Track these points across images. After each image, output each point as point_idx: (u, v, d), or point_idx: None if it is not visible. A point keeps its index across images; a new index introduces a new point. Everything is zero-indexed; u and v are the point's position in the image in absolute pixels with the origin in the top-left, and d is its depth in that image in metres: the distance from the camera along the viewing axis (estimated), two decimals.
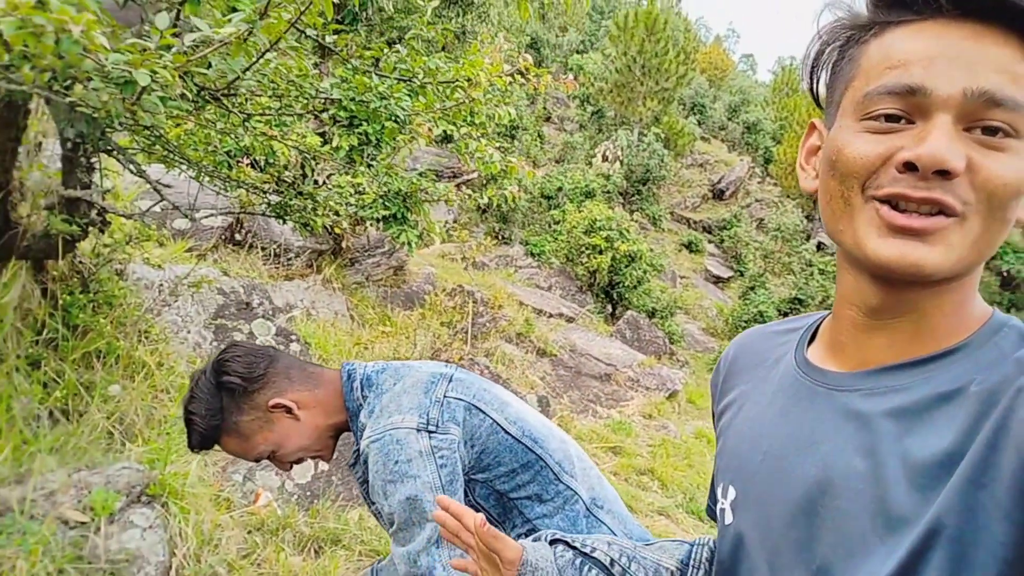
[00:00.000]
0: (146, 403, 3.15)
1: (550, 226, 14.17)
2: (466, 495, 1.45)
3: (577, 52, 29.86)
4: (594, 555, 0.97)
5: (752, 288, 18.42)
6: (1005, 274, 10.41)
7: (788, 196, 25.34)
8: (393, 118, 2.97)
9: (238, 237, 5.26)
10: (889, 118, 0.61)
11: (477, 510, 1.44)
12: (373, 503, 1.62)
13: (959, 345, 0.65)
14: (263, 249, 5.50)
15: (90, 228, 2.71)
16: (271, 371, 1.50)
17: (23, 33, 1.62)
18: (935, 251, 0.60)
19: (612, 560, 0.97)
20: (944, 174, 0.58)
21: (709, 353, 17.15)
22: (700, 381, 10.86)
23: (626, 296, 11.54)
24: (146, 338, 3.54)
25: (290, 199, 2.99)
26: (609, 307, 11.58)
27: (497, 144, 3.68)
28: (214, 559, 2.53)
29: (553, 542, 1.01)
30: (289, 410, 1.48)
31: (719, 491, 0.82)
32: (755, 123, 31.34)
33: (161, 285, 3.98)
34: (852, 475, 0.64)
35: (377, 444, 1.36)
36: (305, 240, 6.05)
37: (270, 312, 4.94)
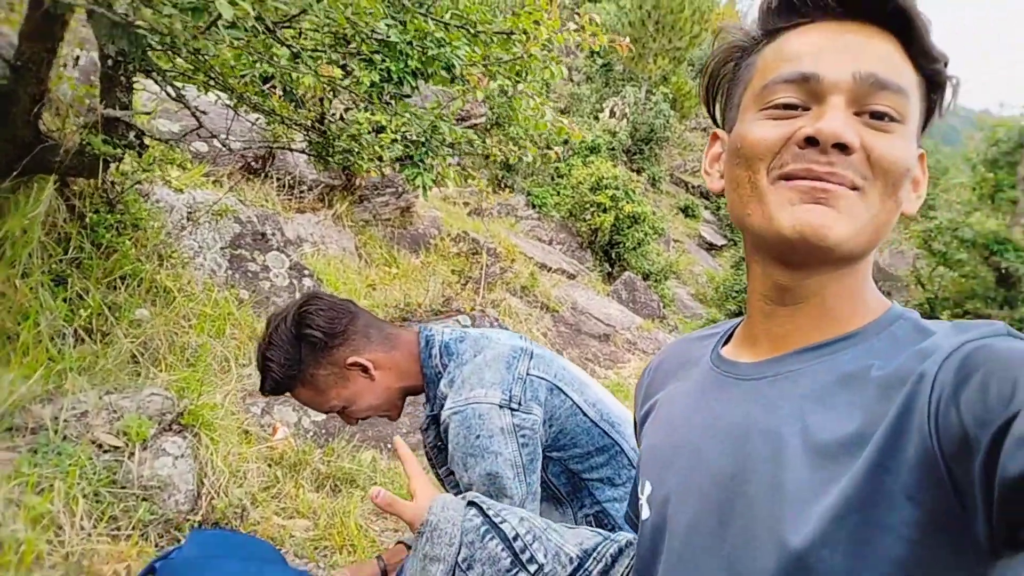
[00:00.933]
0: (169, 329, 3.13)
1: (553, 178, 14.04)
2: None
3: (589, 0, 29.14)
4: (501, 526, 0.99)
5: (743, 259, 18.47)
6: (1003, 271, 10.50)
7: None
8: (447, 66, 2.89)
9: (256, 166, 5.16)
10: (787, 107, 0.66)
11: (548, 487, 1.45)
12: (442, 467, 1.63)
13: (858, 331, 0.68)
14: (278, 180, 5.42)
15: (127, 150, 2.64)
16: (351, 328, 1.49)
17: None
18: (840, 219, 0.63)
19: (517, 535, 0.98)
20: (842, 148, 0.62)
21: (697, 319, 17.28)
22: None
23: (625, 257, 11.54)
24: (167, 263, 3.49)
25: (333, 139, 2.92)
26: (607, 266, 11.58)
27: (543, 100, 3.61)
28: (239, 491, 2.55)
29: (470, 503, 1.03)
30: (365, 369, 1.48)
31: (639, 489, 0.83)
32: None
33: (181, 209, 3.91)
34: (758, 459, 0.65)
35: (459, 416, 1.36)
36: (319, 174, 5.96)
37: (283, 244, 4.89)
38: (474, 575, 0.98)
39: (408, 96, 6.11)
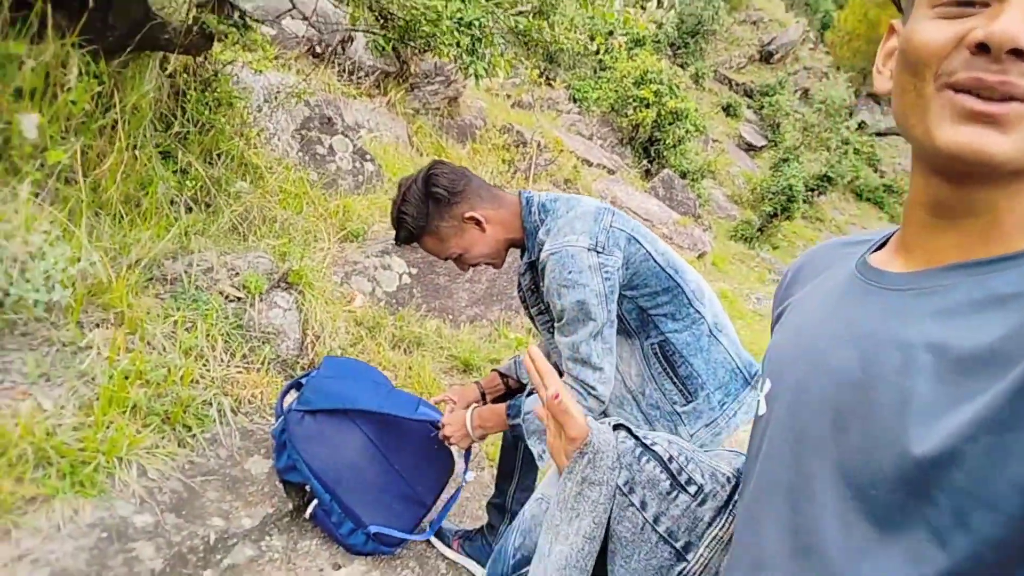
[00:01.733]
0: (261, 203, 3.45)
1: (595, 71, 13.86)
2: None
3: None
4: (654, 447, 0.98)
5: (785, 160, 18.21)
6: None
7: (839, 68, 24.34)
8: None
9: (319, 50, 5.33)
10: (962, 3, 0.60)
11: (620, 320, 1.77)
12: (534, 306, 1.96)
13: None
14: (338, 65, 5.59)
15: (232, 30, 2.87)
16: (468, 188, 1.81)
17: None
18: (1007, 139, 0.58)
19: (671, 456, 0.97)
20: (1018, 54, 0.56)
21: (730, 220, 17.31)
22: (721, 246, 11.17)
23: (664, 154, 11.56)
24: (251, 142, 3.78)
25: (416, 25, 3.11)
26: (646, 163, 11.63)
27: None
28: (333, 343, 2.93)
29: (616, 427, 1.03)
30: (479, 222, 1.81)
31: (758, 387, 0.83)
32: None
33: (259, 91, 4.16)
34: (887, 369, 0.62)
35: (556, 256, 1.68)
36: (376, 60, 6.11)
37: (344, 129, 5.13)
38: (636, 498, 0.95)
39: None
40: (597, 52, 14.20)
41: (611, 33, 14.42)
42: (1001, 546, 0.52)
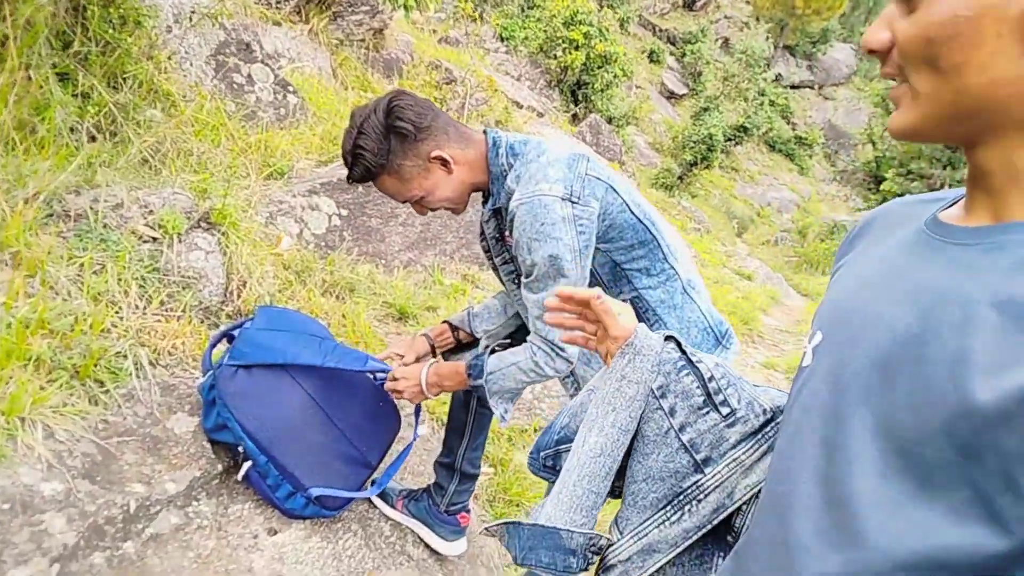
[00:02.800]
0: (174, 134, 3.14)
1: (523, 9, 13.50)
2: None
3: None
4: (698, 364, 1.01)
5: (706, 109, 18.46)
6: None
7: (759, 18, 24.66)
8: None
9: None
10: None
11: (592, 274, 1.67)
12: (498, 256, 1.82)
13: None
14: None
15: None
16: (435, 125, 1.63)
17: None
18: (898, 113, 0.67)
19: (712, 376, 1.00)
20: (875, 53, 0.67)
21: (652, 168, 17.47)
22: (644, 194, 11.24)
23: (592, 98, 11.46)
24: (163, 67, 3.42)
25: None
26: (573, 107, 11.51)
27: None
28: (260, 289, 2.72)
29: (667, 339, 1.06)
30: (446, 163, 1.64)
31: (806, 340, 0.81)
32: None
33: (167, 9, 3.76)
34: (945, 324, 0.61)
35: (526, 207, 1.54)
36: None
37: (264, 57, 4.76)
38: (666, 404, 1.00)
39: None
40: None
41: None
42: None
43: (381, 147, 1.60)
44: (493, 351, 1.74)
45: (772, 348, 6.44)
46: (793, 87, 26.80)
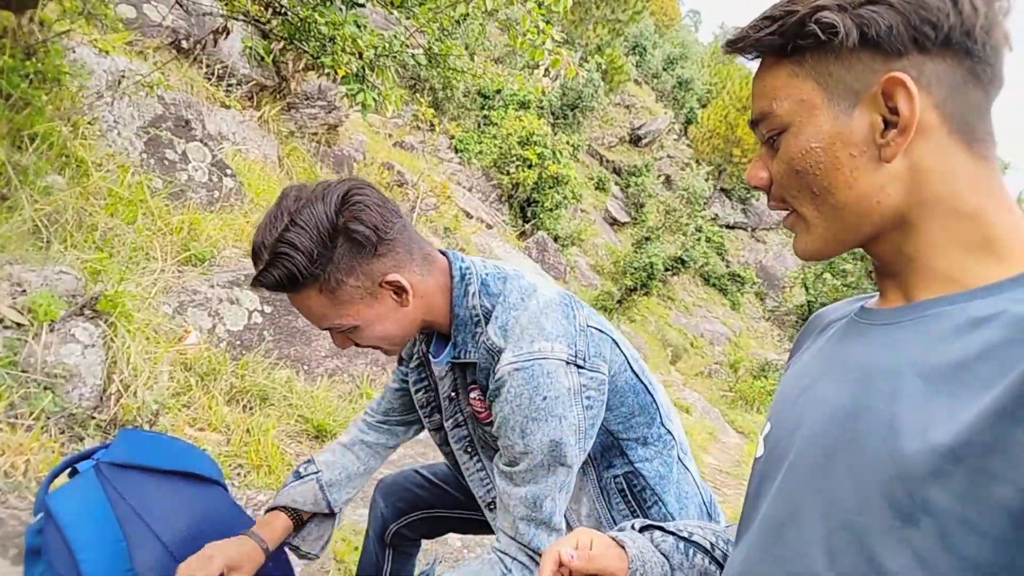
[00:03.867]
0: (79, 205, 2.75)
1: (479, 125, 13.75)
2: None
3: None
4: (694, 539, 0.96)
5: (647, 239, 18.93)
6: None
7: (699, 161, 26.00)
8: None
9: (185, 46, 4.65)
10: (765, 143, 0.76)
11: None
12: (449, 419, 1.41)
13: (1004, 281, 0.65)
14: (208, 67, 4.92)
15: None
16: (400, 237, 1.19)
17: None
18: (798, 240, 0.74)
19: (712, 544, 0.96)
20: (759, 188, 0.75)
21: (592, 289, 17.60)
22: None
23: (540, 216, 11.52)
24: (82, 131, 3.07)
25: (312, 24, 2.62)
26: (522, 223, 11.53)
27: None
28: (149, 394, 2.29)
29: (643, 529, 0.98)
30: (400, 291, 1.21)
31: (760, 429, 0.84)
32: (688, 80, 31.65)
33: (101, 75, 3.45)
34: (875, 397, 0.64)
35: (523, 374, 1.15)
36: (251, 69, 5.47)
37: (204, 136, 4.46)
38: None
39: (362, 5, 5.72)
40: (484, 107, 14.15)
41: (499, 91, 14.45)
42: (985, 570, 0.53)
43: (321, 252, 1.13)
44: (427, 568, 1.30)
45: (715, 492, 6.12)
46: (728, 227, 28.01)
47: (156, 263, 3.14)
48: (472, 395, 1.30)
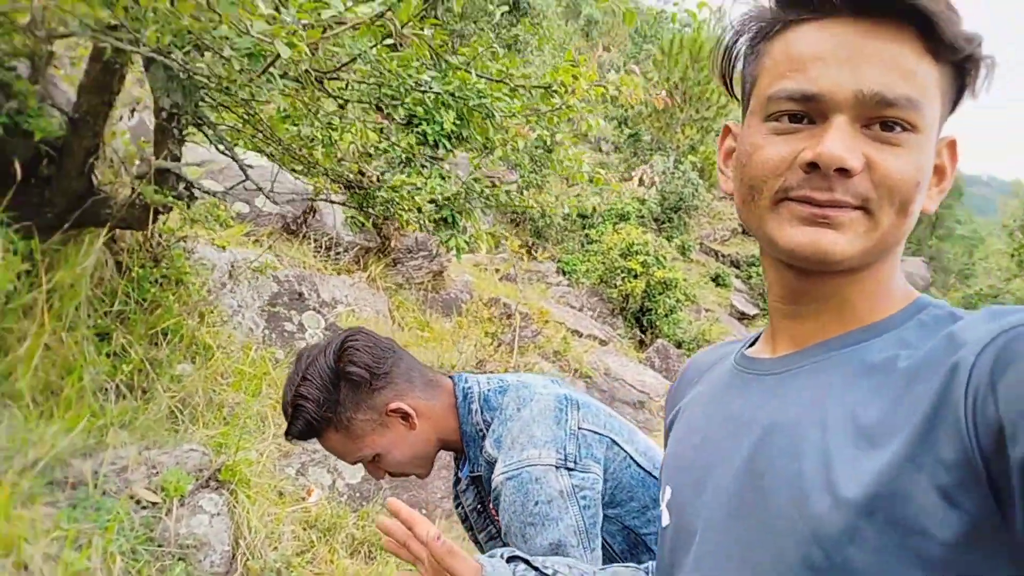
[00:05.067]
0: (207, 386, 3.08)
1: (583, 245, 14.08)
2: None
3: (616, 72, 29.92)
4: (557, 575, 0.97)
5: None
6: None
7: None
8: (487, 115, 2.90)
9: (294, 227, 5.21)
10: (792, 118, 0.64)
11: (604, 547, 1.32)
12: (483, 531, 1.49)
13: (882, 321, 0.65)
14: (315, 241, 5.46)
15: (177, 201, 2.65)
16: (396, 370, 1.36)
17: None
18: (842, 239, 0.62)
19: None
20: (844, 172, 0.60)
21: None
22: None
23: (657, 324, 11.40)
24: (207, 319, 3.48)
25: (374, 192, 2.93)
26: (639, 333, 11.44)
27: (580, 152, 3.61)
28: (274, 554, 2.44)
29: (511, 559, 1.00)
30: (407, 417, 1.35)
31: (660, 497, 0.81)
32: None
33: (223, 267, 3.93)
34: (775, 453, 0.63)
35: (514, 483, 1.23)
36: (355, 235, 6.01)
37: (318, 305, 4.88)
38: None
39: (441, 159, 6.21)
40: (584, 227, 14.56)
41: (594, 210, 14.87)
42: None
43: (328, 397, 1.30)
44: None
45: None
46: None
47: (279, 429, 3.41)
48: (494, 511, 1.35)
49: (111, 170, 2.81)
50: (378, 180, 3.13)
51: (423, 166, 5.94)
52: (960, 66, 0.63)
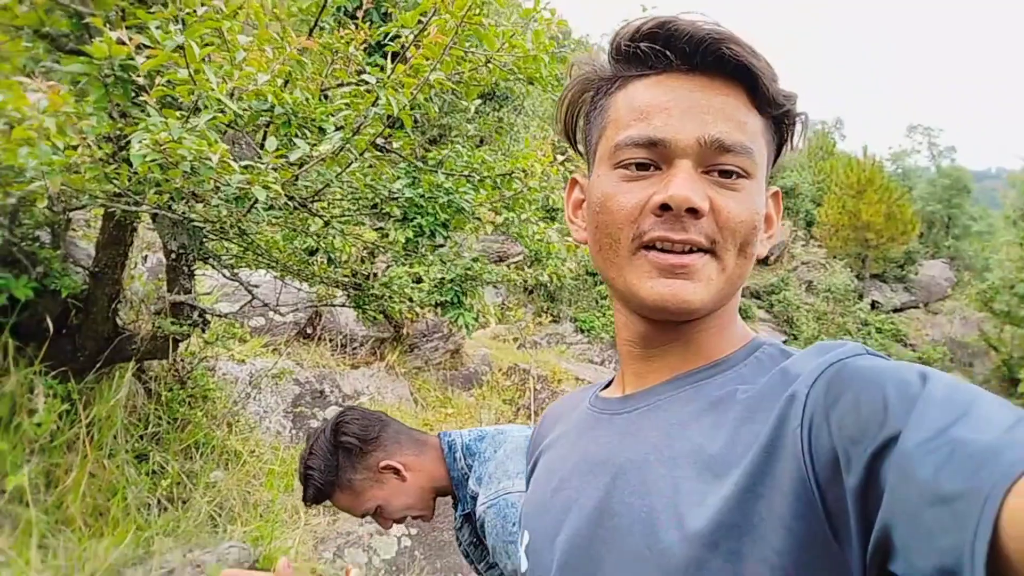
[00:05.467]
0: (241, 488, 3.36)
1: (597, 302, 14.34)
2: None
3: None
4: None
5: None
6: None
7: (835, 257, 25.12)
8: (458, 210, 3.25)
9: (309, 331, 5.57)
10: (639, 166, 0.67)
11: None
12: (481, 562, 1.76)
13: (723, 359, 0.69)
14: (331, 340, 5.80)
15: (193, 328, 3.00)
16: (383, 435, 1.69)
17: (153, 164, 1.93)
18: (698, 288, 0.65)
19: None
20: (693, 212, 0.63)
21: None
22: None
23: None
24: (235, 428, 3.78)
25: (368, 290, 3.26)
26: None
27: (546, 225, 3.94)
28: None
29: None
30: (397, 471, 1.66)
31: (519, 542, 0.82)
32: (793, 187, 31.38)
33: (244, 378, 4.26)
34: (626, 492, 0.64)
35: (493, 510, 1.50)
36: (368, 329, 6.34)
37: (341, 399, 5.18)
38: None
39: (442, 246, 6.60)
40: (596, 283, 14.85)
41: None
42: None
43: (329, 464, 1.64)
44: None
45: None
46: (896, 311, 26.19)
47: (315, 517, 3.66)
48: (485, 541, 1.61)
49: (133, 310, 3.18)
50: (371, 278, 3.46)
51: (423, 256, 6.32)
52: (779, 120, 0.69)
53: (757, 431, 0.58)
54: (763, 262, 28.39)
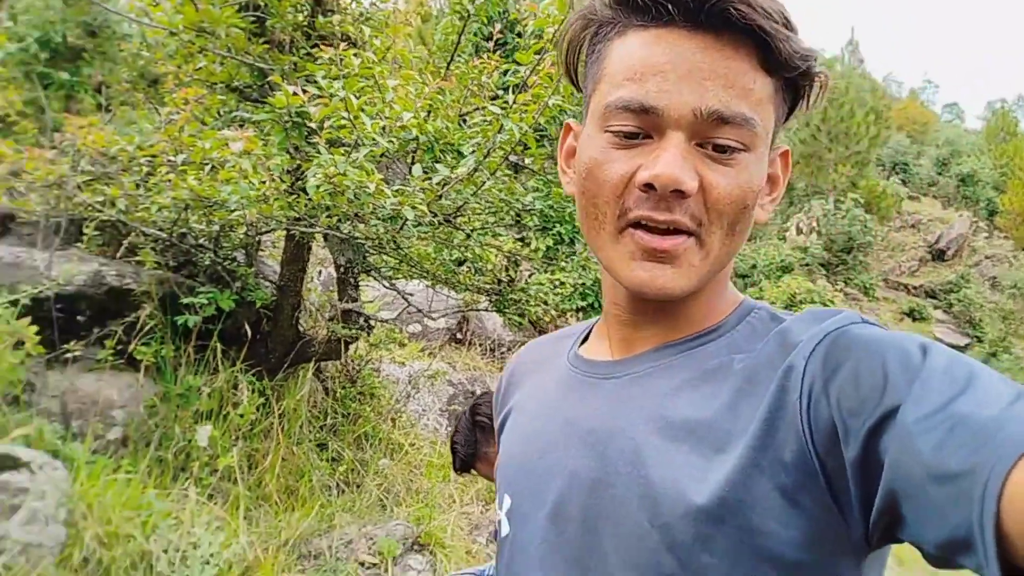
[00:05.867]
0: (405, 476, 3.77)
1: None
2: None
3: None
4: None
5: (994, 354, 16.59)
6: None
7: (1022, 249, 22.72)
8: None
9: (459, 336, 6.00)
10: (628, 135, 0.62)
11: None
12: None
13: (715, 326, 0.67)
14: (480, 345, 6.21)
15: (360, 332, 3.45)
16: None
17: (325, 193, 2.32)
18: (679, 273, 0.61)
19: None
20: (679, 193, 0.59)
21: None
22: None
23: None
24: (398, 423, 4.23)
25: (508, 295, 3.57)
26: None
27: None
28: None
29: None
30: None
31: (497, 505, 0.78)
32: (970, 174, 28.72)
33: (404, 379, 4.72)
34: (620, 461, 0.62)
35: None
36: (514, 334, 6.70)
37: None
38: None
39: (576, 253, 6.83)
40: (745, 286, 14.48)
41: (753, 267, 14.76)
42: None
43: (469, 439, 1.91)
44: None
45: None
46: None
47: (469, 505, 4.02)
48: None
49: (311, 317, 3.69)
50: (510, 284, 3.78)
51: (564, 262, 6.63)
52: (794, 81, 0.63)
53: (756, 403, 0.57)
54: (939, 257, 26.16)
